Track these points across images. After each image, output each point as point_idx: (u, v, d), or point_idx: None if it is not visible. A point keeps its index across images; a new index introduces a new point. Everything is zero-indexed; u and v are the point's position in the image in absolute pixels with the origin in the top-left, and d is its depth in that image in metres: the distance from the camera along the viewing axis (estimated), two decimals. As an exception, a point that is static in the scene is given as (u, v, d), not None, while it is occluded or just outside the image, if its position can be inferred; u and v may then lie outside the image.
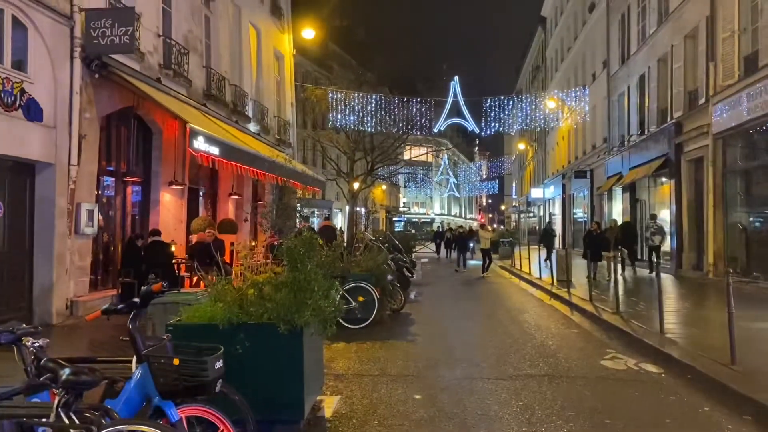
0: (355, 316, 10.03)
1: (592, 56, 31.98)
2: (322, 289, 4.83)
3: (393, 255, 14.34)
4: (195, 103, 15.22)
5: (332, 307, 4.88)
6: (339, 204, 46.76)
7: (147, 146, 14.09)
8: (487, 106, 28.98)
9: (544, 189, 47.49)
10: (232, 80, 18.55)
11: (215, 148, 11.90)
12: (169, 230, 14.23)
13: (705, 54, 17.27)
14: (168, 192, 14.41)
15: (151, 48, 13.55)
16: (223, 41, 18.24)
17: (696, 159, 18.26)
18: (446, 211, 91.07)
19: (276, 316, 4.76)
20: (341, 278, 10.20)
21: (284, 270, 5.00)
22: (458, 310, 12.97)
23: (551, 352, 8.32)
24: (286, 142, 23.98)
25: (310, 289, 4.79)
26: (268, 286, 4.90)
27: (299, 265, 4.85)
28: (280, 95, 24.47)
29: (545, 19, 48.55)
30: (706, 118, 17.03)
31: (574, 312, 12.43)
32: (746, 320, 10.70)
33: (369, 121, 26.97)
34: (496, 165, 74.62)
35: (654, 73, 21.86)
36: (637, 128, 23.90)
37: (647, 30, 22.76)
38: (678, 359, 7.61)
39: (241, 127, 18.31)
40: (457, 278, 21.16)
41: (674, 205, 19.60)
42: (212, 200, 17.88)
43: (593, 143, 31.87)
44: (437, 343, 9.03)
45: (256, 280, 4.99)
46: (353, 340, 8.84)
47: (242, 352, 4.80)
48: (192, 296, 6.24)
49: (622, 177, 25.13)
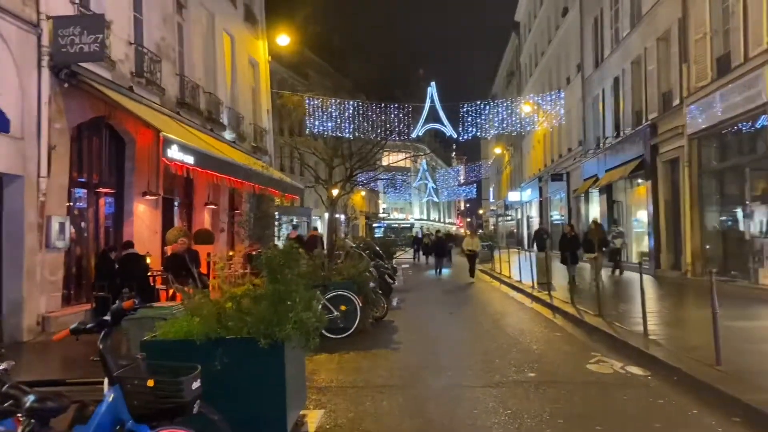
0: (337, 325, 9.83)
1: (567, 60, 32.26)
2: (303, 300, 4.66)
3: (374, 262, 14.20)
4: (168, 111, 14.94)
5: (315, 318, 4.71)
6: (318, 211, 46.42)
7: (120, 156, 13.77)
8: (464, 110, 29.03)
9: (521, 192, 47.73)
10: (206, 88, 18.28)
11: (190, 157, 11.67)
12: (144, 242, 13.90)
13: (678, 56, 17.46)
14: (142, 203, 14.09)
15: (122, 56, 13.26)
16: (197, 49, 17.97)
17: (672, 160, 18.42)
18: (425, 216, 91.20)
19: (256, 330, 4.57)
20: (322, 287, 10.05)
21: (263, 281, 4.82)
22: (441, 316, 12.85)
23: (536, 357, 8.22)
24: (262, 150, 23.71)
25: (291, 300, 4.61)
26: (247, 298, 4.71)
27: (279, 276, 4.67)
28: (255, 102, 24.22)
29: (519, 24, 48.95)
30: (681, 119, 17.20)
31: (557, 315, 12.39)
32: (726, 319, 10.71)
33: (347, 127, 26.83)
34: (473, 169, 74.97)
35: (628, 75, 22.06)
36: (613, 130, 24.11)
37: (620, 33, 22.98)
38: (663, 361, 7.57)
39: (216, 135, 18.04)
40: (438, 283, 21.09)
41: (651, 205, 19.75)
42: (188, 210, 17.56)
43: (569, 146, 32.11)
44: (422, 351, 8.89)
45: (234, 292, 4.80)
46: (336, 351, 8.66)
47: (221, 368, 4.60)
48: (168, 310, 6.02)
49: (598, 179, 25.30)
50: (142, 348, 4.67)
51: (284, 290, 4.62)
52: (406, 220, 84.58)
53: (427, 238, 36.62)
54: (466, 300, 16.00)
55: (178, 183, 16.75)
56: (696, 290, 15.21)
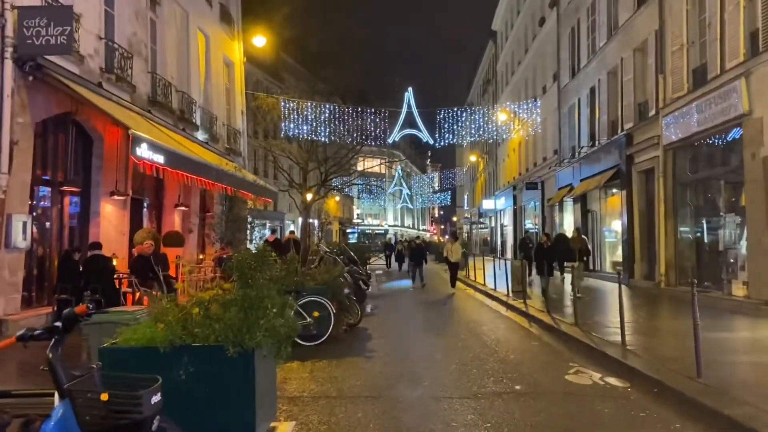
0: (310, 332, 9.54)
1: (543, 69, 32.43)
2: (276, 306, 4.39)
3: (349, 267, 13.93)
4: (139, 109, 14.51)
5: (287, 326, 4.44)
6: (292, 215, 46.01)
7: (87, 154, 13.29)
8: (441, 117, 28.96)
9: (495, 200, 47.90)
10: (179, 86, 17.85)
11: (159, 156, 11.28)
12: (111, 243, 13.43)
13: (654, 67, 17.57)
14: (109, 203, 13.63)
15: (91, 51, 12.81)
16: (170, 46, 17.54)
17: (647, 170, 18.52)
18: (399, 222, 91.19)
19: (224, 338, 4.29)
20: (295, 292, 9.76)
21: (233, 286, 4.53)
22: (415, 323, 12.64)
23: (514, 367, 8.03)
24: (236, 152, 23.28)
25: (262, 307, 4.34)
26: (216, 304, 4.42)
27: (250, 281, 4.40)
28: (230, 103, 23.80)
29: (496, 33, 49.21)
30: (657, 130, 17.29)
31: (533, 324, 12.25)
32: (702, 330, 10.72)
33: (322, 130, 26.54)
34: (448, 176, 75.22)
35: (604, 85, 22.19)
36: (588, 140, 24.22)
37: (597, 43, 23.13)
38: (642, 372, 7.43)
39: (188, 135, 17.61)
40: (412, 292, 20.87)
41: (626, 215, 19.83)
42: (157, 211, 17.08)
43: (544, 155, 32.25)
44: (397, 360, 8.64)
45: (202, 297, 4.50)
46: (308, 359, 8.36)
47: (186, 378, 4.32)
48: (131, 315, 5.70)
49: (573, 188, 25.41)
50: (100, 356, 4.36)
51: (255, 295, 4.34)
52: (380, 226, 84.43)
53: (400, 244, 36.13)
54: (440, 307, 15.80)
55: (147, 183, 16.30)
56: (670, 300, 15.27)
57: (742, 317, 11.90)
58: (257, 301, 4.33)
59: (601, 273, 21.63)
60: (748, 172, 12.81)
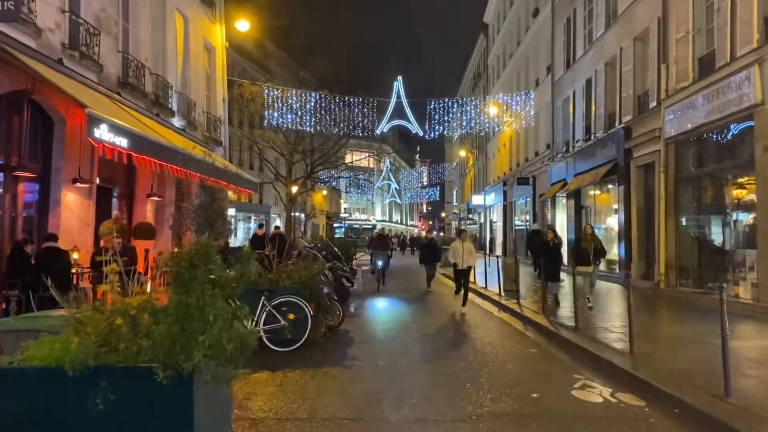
0: (284, 336, 8.58)
1: (536, 62, 31.57)
2: (222, 317, 3.40)
3: (331, 263, 12.95)
4: (106, 90, 13.40)
5: (238, 340, 3.45)
6: (277, 209, 44.95)
7: (47, 138, 12.17)
8: (431, 108, 28.00)
9: (485, 196, 47.06)
10: (153, 69, 16.72)
11: (123, 139, 10.19)
12: (73, 235, 12.37)
13: (657, 56, 16.71)
14: (72, 191, 12.52)
15: (51, 24, 11.69)
16: (144, 25, 16.41)
17: (646, 165, 17.68)
18: (387, 217, 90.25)
19: (153, 358, 3.30)
20: (269, 292, 8.79)
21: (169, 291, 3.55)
22: (402, 326, 11.67)
23: (513, 380, 7.10)
24: (216, 140, 22.17)
25: (203, 318, 3.35)
26: (145, 313, 3.43)
27: (188, 285, 3.41)
28: (210, 89, 22.66)
29: (487, 25, 48.32)
30: (658, 122, 16.44)
31: (528, 327, 11.35)
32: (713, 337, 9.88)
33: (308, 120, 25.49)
34: (437, 171, 74.34)
35: (601, 77, 21.33)
36: (583, 134, 23.38)
37: (594, 33, 22.26)
38: (659, 388, 6.54)
39: (162, 120, 16.49)
40: (400, 288, 19.87)
41: (623, 212, 18.99)
42: (128, 202, 15.98)
43: (536, 149, 31.41)
44: (380, 370, 7.67)
45: (128, 305, 3.50)
46: (279, 368, 7.38)
47: (105, 408, 3.33)
48: (59, 321, 4.67)
49: (566, 184, 24.56)
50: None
51: (194, 304, 3.35)
52: (368, 221, 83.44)
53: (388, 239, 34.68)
54: (428, 307, 14.84)
55: (118, 171, 15.19)
56: (671, 302, 14.44)
57: (754, 322, 11.06)
58: (196, 310, 3.34)
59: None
60: (760, 166, 11.98)
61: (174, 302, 3.36)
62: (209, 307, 3.36)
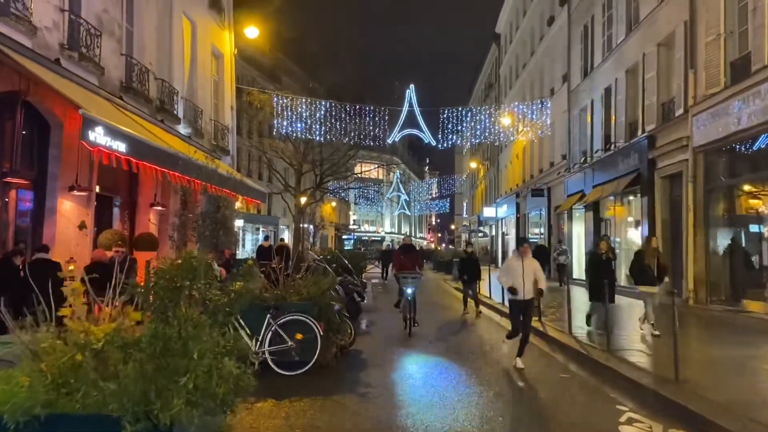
0: (291, 358, 7.81)
1: (551, 71, 30.84)
2: (210, 352, 2.65)
3: (342, 277, 12.20)
4: (107, 94, 12.77)
5: (230, 383, 2.70)
6: (286, 220, 44.30)
7: (42, 143, 11.53)
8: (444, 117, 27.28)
9: (497, 208, 46.22)
10: (158, 74, 16.11)
11: (121, 144, 9.53)
12: (70, 245, 11.67)
13: (683, 61, 15.92)
14: (68, 199, 11.84)
15: (49, 23, 11.08)
16: (149, 29, 15.82)
17: (672, 175, 16.83)
18: (396, 229, 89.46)
19: (121, 406, 2.56)
20: (275, 309, 8.03)
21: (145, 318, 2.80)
22: (419, 346, 10.84)
23: (549, 412, 6.30)
24: (224, 149, 21.54)
25: (186, 354, 2.60)
26: (114, 347, 2.69)
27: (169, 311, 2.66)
28: (218, 97, 22.06)
29: (499, 35, 47.72)
30: (685, 131, 15.63)
31: (555, 349, 10.50)
32: (761, 360, 9.05)
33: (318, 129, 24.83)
34: (447, 183, 73.56)
35: (622, 84, 20.55)
36: (602, 143, 22.57)
37: (614, 40, 21.51)
38: (717, 423, 5.73)
39: (167, 127, 15.87)
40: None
41: (646, 225, 18.12)
42: (130, 211, 15.32)
43: (551, 160, 30.59)
44: (399, 399, 6.88)
45: (93, 334, 2.76)
46: (286, 395, 6.60)
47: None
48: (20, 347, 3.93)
49: (584, 195, 23.72)
50: None
51: (175, 335, 2.60)
52: (377, 233, 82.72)
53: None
54: (443, 324, 14.01)
55: (119, 179, 14.56)
56: (702, 321, 13.54)
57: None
58: (177, 343, 2.60)
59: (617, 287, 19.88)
60: (803, 176, 11.14)
61: (148, 334, 2.61)
62: (194, 339, 2.62)
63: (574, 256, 26.03)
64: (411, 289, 12.31)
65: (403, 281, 12.53)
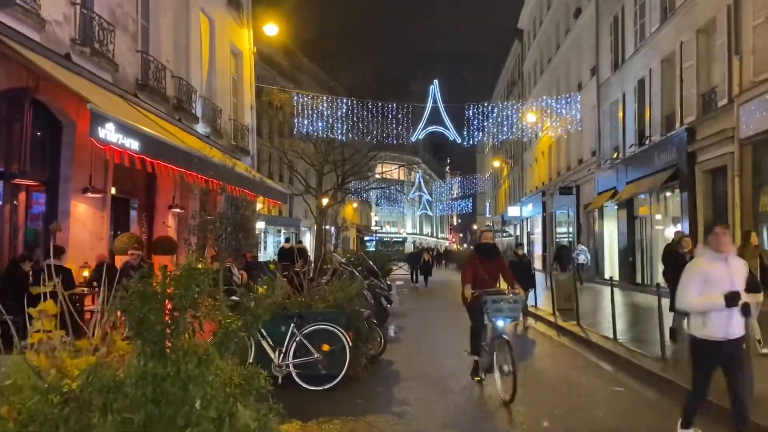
0: (318, 371, 7.14)
1: (578, 65, 29.87)
2: (218, 398, 1.96)
3: (368, 281, 11.50)
4: (121, 91, 12.24)
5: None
6: (307, 222, 43.74)
7: (54, 143, 11.03)
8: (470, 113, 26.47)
9: (522, 207, 45.22)
10: (175, 72, 15.60)
11: (134, 141, 8.96)
12: (85, 250, 11.20)
13: (726, 48, 14.97)
14: (82, 201, 11.34)
15: (59, 17, 10.57)
16: (165, 25, 15.30)
17: (715, 169, 15.88)
18: (418, 230, 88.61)
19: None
20: (299, 318, 7.36)
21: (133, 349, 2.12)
22: (453, 354, 10.04)
23: (611, 434, 5.52)
24: (244, 150, 21.01)
25: (186, 401, 1.92)
26: (94, 391, 2.01)
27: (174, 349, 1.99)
28: (237, 96, 21.54)
29: (522, 31, 46.74)
30: (730, 121, 14.68)
31: (600, 357, 9.68)
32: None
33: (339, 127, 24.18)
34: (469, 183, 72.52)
35: (657, 75, 19.58)
36: (636, 138, 21.59)
37: (647, 29, 20.54)
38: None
39: (186, 126, 15.34)
40: (437, 306, 18.28)
41: (686, 222, 17.14)
42: (148, 214, 14.80)
43: (580, 157, 29.59)
44: (439, 417, 6.16)
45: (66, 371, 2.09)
46: (313, 415, 5.92)
47: None
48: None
49: (617, 192, 22.77)
50: None
51: (170, 375, 1.92)
52: (398, 234, 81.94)
53: (427, 253, 32.31)
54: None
55: (136, 180, 14.07)
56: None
57: None
58: (175, 386, 1.91)
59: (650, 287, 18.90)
60: None
61: (135, 373, 1.93)
62: (197, 380, 1.93)
63: (605, 255, 25.13)
64: (506, 322, 7.30)
65: (492, 308, 7.21)
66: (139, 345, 2.02)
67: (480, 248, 8.41)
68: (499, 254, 8.65)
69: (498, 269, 8.12)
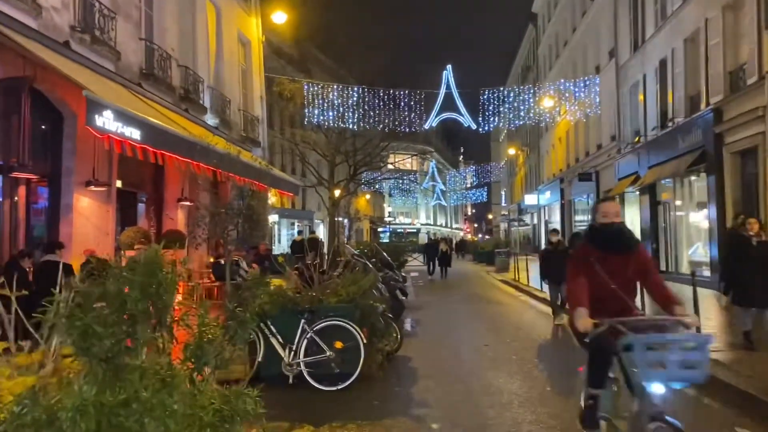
0: (330, 370, 6.67)
1: (596, 47, 29.06)
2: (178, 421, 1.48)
3: (383, 273, 11.01)
4: (124, 81, 11.82)
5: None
6: (320, 214, 43.35)
7: (56, 135, 10.64)
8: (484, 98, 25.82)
9: (539, 195, 44.43)
10: (181, 61, 15.16)
11: (135, 130, 8.51)
12: (89, 245, 10.74)
13: (756, 23, 14.24)
14: (86, 195, 10.95)
15: (57, 2, 10.15)
16: (170, 12, 14.85)
17: (744, 150, 15.17)
18: (432, 220, 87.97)
19: None
20: (310, 313, 6.90)
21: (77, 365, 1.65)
22: (474, 349, 9.55)
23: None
24: (254, 141, 20.58)
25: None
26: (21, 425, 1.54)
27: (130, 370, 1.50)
28: (246, 86, 21.10)
29: (536, 15, 45.84)
30: (761, 100, 13.96)
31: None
32: None
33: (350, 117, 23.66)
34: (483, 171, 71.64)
35: (680, 55, 18.82)
36: (658, 121, 20.85)
37: (669, 7, 19.76)
38: None
39: (192, 117, 14.92)
40: (455, 297, 17.78)
41: (714, 206, 16.46)
42: (156, 207, 14.43)
43: (599, 142, 28.85)
44: (463, 422, 5.66)
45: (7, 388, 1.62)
46: (326, 418, 5.45)
47: None
48: None
49: (638, 177, 22.05)
50: None
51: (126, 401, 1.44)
52: (412, 225, 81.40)
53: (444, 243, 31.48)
54: (498, 322, 12.72)
55: (144, 172, 13.70)
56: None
57: None
58: (130, 419, 1.44)
59: (674, 274, 18.29)
60: None
61: (72, 405, 1.45)
62: (154, 412, 1.45)
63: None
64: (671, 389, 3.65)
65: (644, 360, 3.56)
66: (86, 363, 1.55)
67: (601, 235, 4.34)
68: (637, 244, 4.53)
69: (636, 272, 4.26)
